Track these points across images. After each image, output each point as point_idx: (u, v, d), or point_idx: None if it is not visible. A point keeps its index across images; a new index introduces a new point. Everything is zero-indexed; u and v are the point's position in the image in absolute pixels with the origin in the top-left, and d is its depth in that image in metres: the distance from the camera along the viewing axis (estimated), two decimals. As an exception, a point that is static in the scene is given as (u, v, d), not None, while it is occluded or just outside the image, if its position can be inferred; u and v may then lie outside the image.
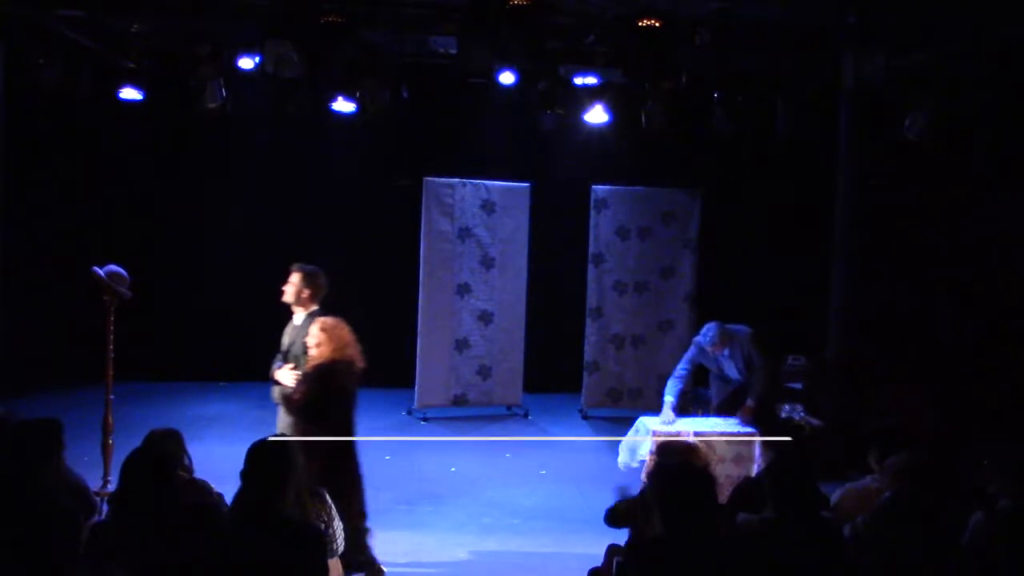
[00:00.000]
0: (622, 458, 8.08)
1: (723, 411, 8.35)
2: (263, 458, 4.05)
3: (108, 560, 3.80)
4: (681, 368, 8.37)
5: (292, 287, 6.70)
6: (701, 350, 8.36)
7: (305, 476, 4.71)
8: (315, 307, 6.70)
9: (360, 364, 6.38)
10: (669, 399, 8.11)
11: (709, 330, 8.22)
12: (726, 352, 8.26)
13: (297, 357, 6.46)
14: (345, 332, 6.31)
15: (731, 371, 8.38)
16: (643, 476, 7.63)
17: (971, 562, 4.27)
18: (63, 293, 10.33)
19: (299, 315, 6.70)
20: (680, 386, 8.23)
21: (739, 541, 4.16)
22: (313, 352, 6.19)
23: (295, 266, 6.77)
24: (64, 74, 8.52)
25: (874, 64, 7.54)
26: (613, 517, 5.19)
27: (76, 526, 4.07)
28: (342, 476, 6.00)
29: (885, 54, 7.55)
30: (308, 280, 6.69)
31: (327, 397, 6.07)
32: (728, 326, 8.29)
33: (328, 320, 6.33)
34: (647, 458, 7.56)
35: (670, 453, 5.29)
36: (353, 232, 11.99)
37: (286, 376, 6.35)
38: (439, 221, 10.74)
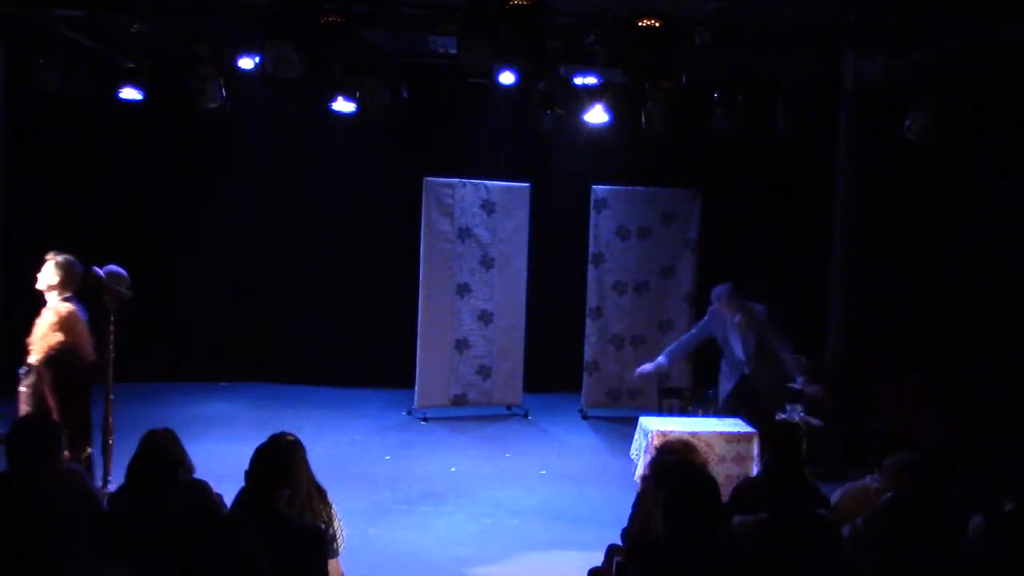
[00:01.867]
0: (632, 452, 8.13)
1: (730, 407, 8.42)
2: (265, 458, 4.05)
3: (108, 560, 3.80)
4: (691, 332, 8.65)
5: (44, 274, 6.86)
6: (713, 314, 8.57)
7: (310, 475, 4.72)
8: (67, 294, 6.85)
9: (90, 356, 6.65)
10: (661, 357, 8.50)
11: (723, 288, 8.48)
12: (736, 319, 8.33)
13: None
14: (76, 322, 6.56)
15: (737, 347, 8.44)
16: (636, 478, 7.65)
17: (971, 563, 4.26)
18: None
19: (51, 302, 6.87)
20: (679, 347, 8.44)
21: (738, 541, 4.16)
22: (44, 340, 6.48)
23: (49, 254, 6.93)
24: (64, 74, 8.52)
25: (874, 64, 7.54)
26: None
27: (76, 526, 4.07)
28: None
29: (885, 54, 7.56)
30: (59, 268, 6.86)
31: (57, 384, 6.24)
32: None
33: (62, 309, 6.59)
34: (644, 458, 7.56)
35: (669, 452, 5.29)
36: (353, 232, 12.01)
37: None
38: (439, 221, 10.74)
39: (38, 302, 10.55)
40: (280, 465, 4.15)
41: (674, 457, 5.06)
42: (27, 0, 7.97)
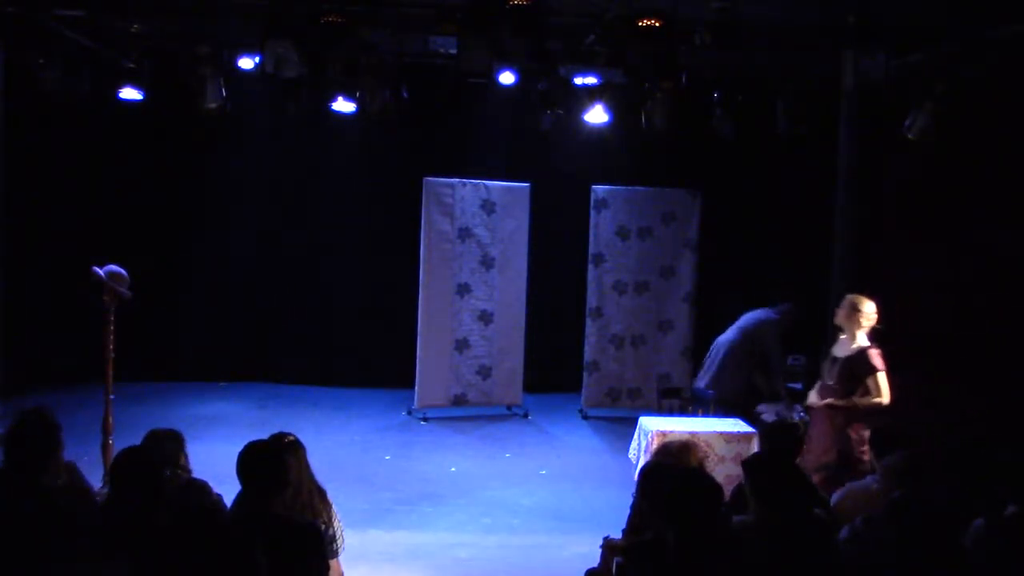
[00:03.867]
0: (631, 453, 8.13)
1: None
2: (258, 459, 4.05)
3: (107, 560, 3.80)
4: None
5: None
6: None
7: (311, 475, 4.71)
8: None
9: None
10: None
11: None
12: None
13: None
14: None
15: None
16: (636, 477, 7.66)
17: (971, 566, 4.25)
18: (63, 293, 10.33)
19: None
20: None
21: (736, 541, 4.16)
22: None
23: None
24: (64, 74, 8.50)
25: (874, 64, 7.54)
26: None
27: (76, 526, 4.07)
28: None
29: (885, 54, 7.55)
30: None
31: None
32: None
33: None
34: (643, 459, 7.56)
35: (668, 454, 5.29)
36: (353, 232, 12.01)
37: None
38: (439, 221, 10.74)
39: (38, 301, 10.62)
40: (280, 465, 4.14)
41: (672, 459, 5.06)
42: (27, 0, 7.96)
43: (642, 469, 5.26)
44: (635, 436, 8.02)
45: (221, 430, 9.55)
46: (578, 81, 9.49)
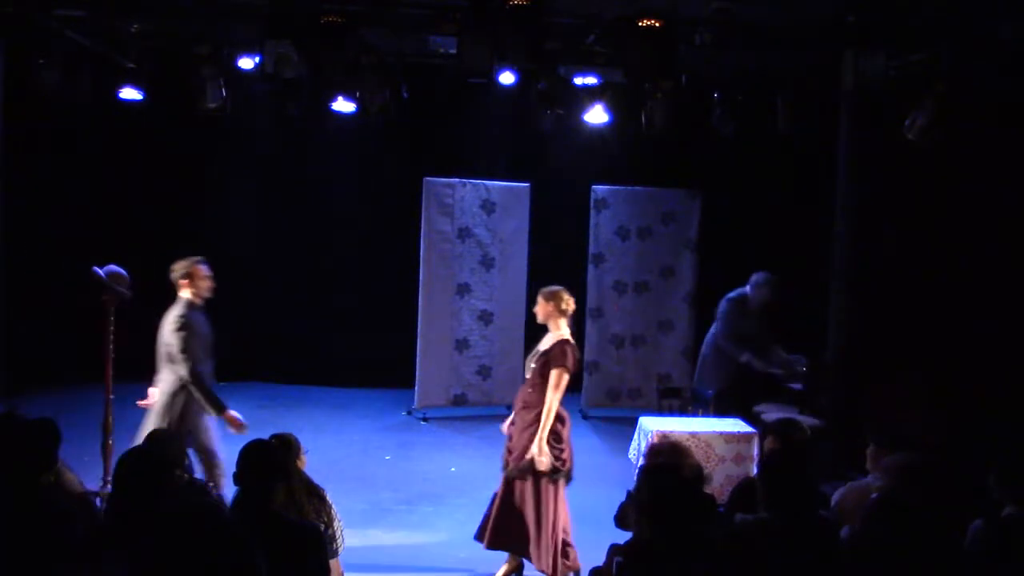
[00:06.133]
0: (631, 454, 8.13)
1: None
2: (253, 459, 4.06)
3: (107, 561, 3.80)
4: None
5: None
6: None
7: (297, 475, 4.71)
8: None
9: None
10: None
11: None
12: None
13: None
14: None
15: None
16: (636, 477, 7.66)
17: (970, 565, 4.25)
18: (63, 293, 10.31)
19: None
20: None
21: (734, 541, 4.16)
22: None
23: None
24: (64, 74, 8.51)
25: (874, 64, 7.54)
26: (621, 519, 5.19)
27: (75, 527, 4.07)
28: None
29: (885, 54, 7.55)
30: None
31: None
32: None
33: None
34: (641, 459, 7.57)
35: (658, 454, 5.30)
36: (353, 232, 12.01)
37: None
38: (439, 221, 10.74)
39: (38, 301, 10.62)
40: (279, 465, 4.15)
41: (662, 459, 5.07)
42: (27, 0, 7.96)
43: (638, 471, 5.27)
44: (635, 436, 8.01)
45: (221, 430, 9.53)
46: (578, 81, 9.50)
